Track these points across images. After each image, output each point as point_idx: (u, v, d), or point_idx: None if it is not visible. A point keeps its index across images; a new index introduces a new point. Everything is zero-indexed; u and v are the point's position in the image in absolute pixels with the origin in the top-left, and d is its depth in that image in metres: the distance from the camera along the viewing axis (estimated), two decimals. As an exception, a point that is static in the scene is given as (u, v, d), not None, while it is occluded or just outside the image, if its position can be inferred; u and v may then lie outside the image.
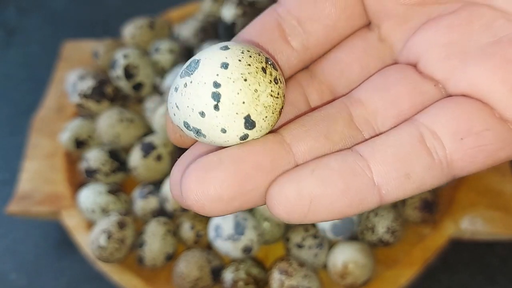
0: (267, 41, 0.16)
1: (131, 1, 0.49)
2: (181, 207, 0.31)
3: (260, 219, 0.30)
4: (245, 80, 0.13)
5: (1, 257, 0.34)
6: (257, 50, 0.14)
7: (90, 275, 0.32)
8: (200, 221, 0.31)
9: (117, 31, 0.40)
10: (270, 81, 0.13)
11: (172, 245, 0.30)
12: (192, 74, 0.13)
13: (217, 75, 0.13)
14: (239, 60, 0.13)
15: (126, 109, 0.35)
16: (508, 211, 0.32)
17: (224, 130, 0.13)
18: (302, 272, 0.28)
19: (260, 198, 0.13)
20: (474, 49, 0.14)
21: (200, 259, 0.29)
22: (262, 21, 0.16)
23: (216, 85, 0.13)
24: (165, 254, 0.30)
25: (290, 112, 0.15)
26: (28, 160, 0.35)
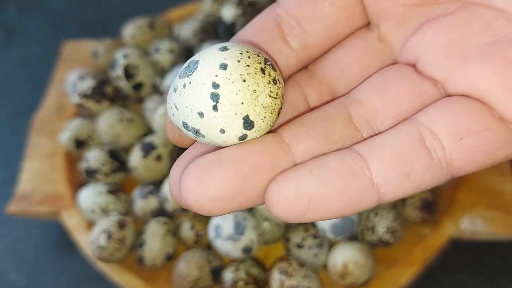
0: (266, 41, 0.16)
1: (131, 1, 0.49)
2: (181, 207, 0.31)
3: (260, 219, 0.30)
4: (244, 81, 0.13)
5: (1, 257, 0.34)
6: (256, 51, 0.14)
7: (90, 275, 0.32)
8: (200, 221, 0.31)
9: (117, 31, 0.40)
10: (269, 82, 0.14)
11: (172, 245, 0.30)
12: (191, 75, 0.13)
13: (216, 76, 0.13)
14: (238, 61, 0.13)
15: (126, 109, 0.35)
16: (508, 211, 0.32)
17: (223, 131, 0.13)
18: (302, 272, 0.28)
19: (259, 198, 0.13)
20: (474, 49, 0.14)
21: (200, 259, 0.29)
22: (261, 21, 0.16)
23: (215, 86, 0.13)
24: (165, 254, 0.30)
25: (289, 112, 0.15)
26: (28, 160, 0.35)
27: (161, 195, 0.31)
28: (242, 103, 0.13)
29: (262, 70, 0.13)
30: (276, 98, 0.14)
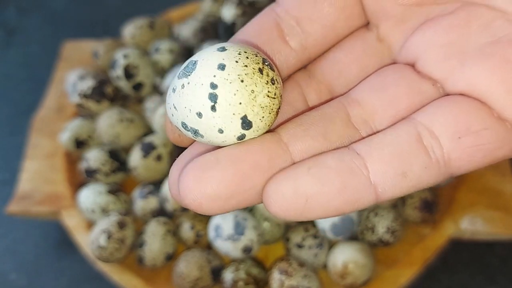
0: (265, 41, 0.16)
1: (131, 1, 0.49)
2: (181, 207, 0.31)
3: (260, 219, 0.30)
4: (242, 81, 0.13)
5: (1, 257, 0.34)
6: (254, 51, 0.14)
7: (90, 275, 0.32)
8: (200, 221, 0.31)
9: (117, 31, 0.40)
10: (267, 82, 0.14)
11: (172, 245, 0.30)
12: (190, 75, 0.14)
13: (214, 76, 0.13)
14: (236, 62, 0.13)
15: (126, 109, 0.35)
16: (508, 211, 0.32)
17: (221, 131, 0.13)
18: (302, 272, 0.28)
19: (257, 196, 0.13)
20: (473, 49, 0.14)
21: (200, 259, 0.29)
22: (260, 21, 0.16)
23: (213, 86, 0.13)
24: (165, 254, 0.30)
25: (288, 112, 0.15)
26: (28, 160, 0.35)
27: (161, 195, 0.31)
28: (240, 104, 0.13)
29: (260, 71, 0.14)
30: (274, 98, 0.14)
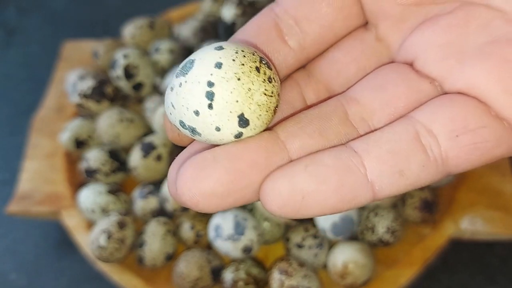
0: (264, 41, 0.16)
1: (131, 1, 0.49)
2: (181, 207, 0.31)
3: (260, 219, 0.30)
4: (239, 79, 0.13)
5: (1, 257, 0.34)
6: (252, 50, 0.14)
7: (90, 275, 0.32)
8: (200, 221, 0.31)
9: (117, 31, 0.40)
10: (264, 80, 0.14)
11: (172, 245, 0.30)
12: (187, 74, 0.14)
13: (211, 75, 0.13)
14: (233, 60, 0.13)
15: (126, 109, 0.35)
16: (508, 211, 0.32)
17: (218, 129, 0.13)
18: (302, 272, 0.28)
19: (254, 194, 0.13)
20: (471, 49, 0.14)
21: (200, 259, 0.29)
22: (259, 21, 0.16)
23: (210, 84, 0.13)
24: (165, 254, 0.30)
25: (287, 111, 0.15)
26: (28, 160, 0.35)
27: (161, 195, 0.31)
28: (237, 101, 0.13)
29: (257, 69, 0.14)
30: (272, 97, 0.14)
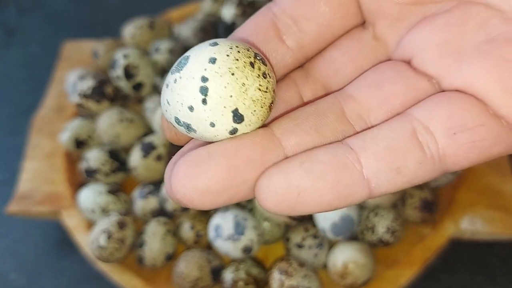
0: (262, 40, 0.16)
1: (131, 1, 0.49)
2: (181, 207, 0.31)
3: (260, 219, 0.30)
4: (233, 74, 0.13)
5: (1, 257, 0.34)
6: (246, 46, 0.14)
7: (90, 275, 0.32)
8: (200, 221, 0.31)
9: (117, 31, 0.40)
10: (258, 76, 0.14)
11: (172, 245, 0.30)
12: (182, 70, 0.14)
13: (205, 70, 0.13)
14: (227, 55, 0.13)
15: (126, 109, 0.35)
16: (508, 211, 0.32)
17: (213, 124, 0.13)
18: (302, 272, 0.28)
19: (250, 191, 0.13)
20: (469, 48, 0.14)
21: (200, 259, 0.29)
22: (257, 20, 0.16)
23: (204, 80, 0.13)
24: (165, 254, 0.30)
25: (284, 110, 0.15)
26: (28, 160, 0.35)
27: (161, 195, 0.31)
28: (231, 96, 0.13)
29: (252, 64, 0.14)
30: (266, 92, 0.14)
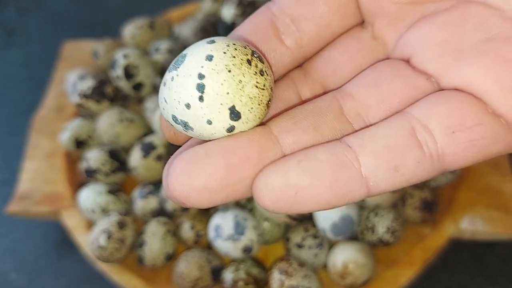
0: (261, 39, 0.16)
1: (131, 1, 0.49)
2: (181, 207, 0.31)
3: (260, 219, 0.30)
4: (229, 71, 0.13)
5: (1, 257, 0.34)
6: (244, 44, 0.14)
7: (90, 275, 0.32)
8: (200, 221, 0.31)
9: (117, 31, 0.40)
10: (256, 73, 0.14)
11: (172, 245, 0.30)
12: (179, 68, 0.14)
13: (202, 67, 0.13)
14: (224, 53, 0.13)
15: (126, 109, 0.35)
16: (508, 211, 0.32)
17: (210, 122, 0.13)
18: (302, 272, 0.28)
19: (247, 189, 0.13)
20: (468, 47, 0.14)
21: (200, 259, 0.29)
22: (256, 20, 0.16)
23: (201, 77, 0.13)
24: (165, 254, 0.30)
25: (282, 109, 0.15)
26: (28, 160, 0.35)
27: (161, 195, 0.31)
28: (228, 93, 0.13)
29: (248, 62, 0.14)
30: (264, 90, 0.14)
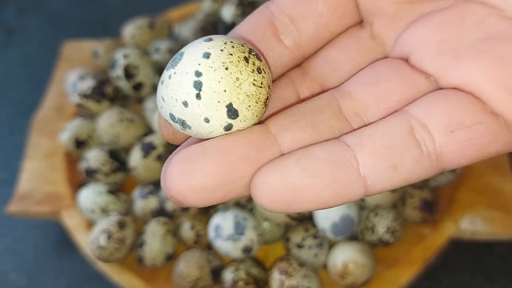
0: (260, 39, 0.16)
1: (131, 1, 0.49)
2: (181, 207, 0.31)
3: (260, 219, 0.30)
4: (227, 69, 0.13)
5: (1, 257, 0.34)
6: (241, 42, 0.14)
7: (90, 275, 0.32)
8: (200, 221, 0.31)
9: (117, 31, 0.40)
10: (253, 70, 0.14)
11: (172, 245, 0.30)
12: (176, 66, 0.14)
13: (199, 65, 0.13)
14: (221, 50, 0.13)
15: (126, 109, 0.35)
16: (508, 211, 0.32)
17: (207, 120, 0.13)
18: (302, 272, 0.28)
19: (245, 188, 0.13)
20: (466, 46, 0.14)
21: (200, 259, 0.29)
22: (255, 19, 0.16)
23: (198, 74, 0.13)
24: (165, 254, 0.30)
25: (281, 108, 0.15)
26: (28, 160, 0.35)
27: (161, 195, 0.31)
28: (225, 91, 0.13)
29: (246, 59, 0.14)
30: (261, 87, 0.14)
